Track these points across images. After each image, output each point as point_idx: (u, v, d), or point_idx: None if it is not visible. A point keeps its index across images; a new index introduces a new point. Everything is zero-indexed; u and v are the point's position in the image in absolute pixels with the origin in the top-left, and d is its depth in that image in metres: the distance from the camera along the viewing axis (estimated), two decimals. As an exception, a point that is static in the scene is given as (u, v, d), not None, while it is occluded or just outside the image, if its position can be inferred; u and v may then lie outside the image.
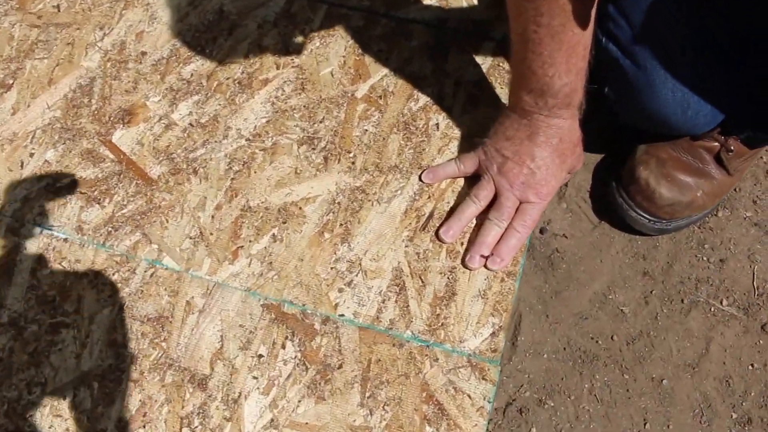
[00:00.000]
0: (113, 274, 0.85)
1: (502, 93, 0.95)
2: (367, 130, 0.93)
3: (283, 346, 0.81)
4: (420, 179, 0.89)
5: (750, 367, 0.85)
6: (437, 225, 0.87)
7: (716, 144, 0.87)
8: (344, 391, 0.78)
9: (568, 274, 0.91)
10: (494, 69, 0.98)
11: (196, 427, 0.77)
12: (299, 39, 0.99)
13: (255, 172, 0.90)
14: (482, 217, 0.85)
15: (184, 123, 0.94)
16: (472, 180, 0.88)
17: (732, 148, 0.86)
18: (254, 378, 0.80)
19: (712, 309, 0.89)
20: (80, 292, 0.84)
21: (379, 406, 0.78)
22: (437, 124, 0.93)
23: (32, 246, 0.86)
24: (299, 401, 0.78)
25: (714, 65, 0.81)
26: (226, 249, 0.86)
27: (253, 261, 0.85)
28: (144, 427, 0.77)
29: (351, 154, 0.92)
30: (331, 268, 0.85)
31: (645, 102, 0.83)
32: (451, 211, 0.87)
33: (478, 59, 0.98)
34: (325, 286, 0.84)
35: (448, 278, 0.84)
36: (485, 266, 0.84)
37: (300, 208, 0.88)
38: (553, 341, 0.88)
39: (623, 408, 0.84)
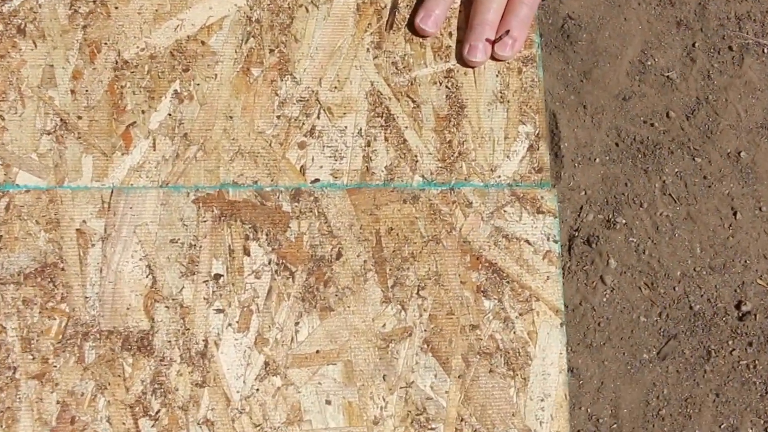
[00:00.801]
0: (-60, 221, 0.52)
1: None
2: None
3: (246, 252, 0.54)
4: None
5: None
6: (408, 17, 0.61)
7: None
8: (356, 290, 0.55)
9: (593, 46, 0.67)
10: None
11: (158, 411, 0.50)
12: None
13: (116, 8, 0.58)
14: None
15: (-28, -42, 0.58)
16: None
17: None
18: (219, 312, 0.52)
19: (765, 50, 0.71)
20: None
21: (412, 293, 0.55)
22: None
23: None
24: (297, 324, 0.53)
25: None
26: (111, 134, 0.55)
27: (159, 139, 0.55)
28: (75, 434, 0.49)
29: (252, -54, 0.60)
30: (278, 117, 0.57)
31: None
32: (422, -6, 0.61)
33: None
34: (277, 145, 0.56)
35: (447, 87, 0.60)
36: (493, 57, 0.60)
37: (203, 44, 0.58)
38: (601, 138, 0.65)
39: (705, 201, 0.66)
